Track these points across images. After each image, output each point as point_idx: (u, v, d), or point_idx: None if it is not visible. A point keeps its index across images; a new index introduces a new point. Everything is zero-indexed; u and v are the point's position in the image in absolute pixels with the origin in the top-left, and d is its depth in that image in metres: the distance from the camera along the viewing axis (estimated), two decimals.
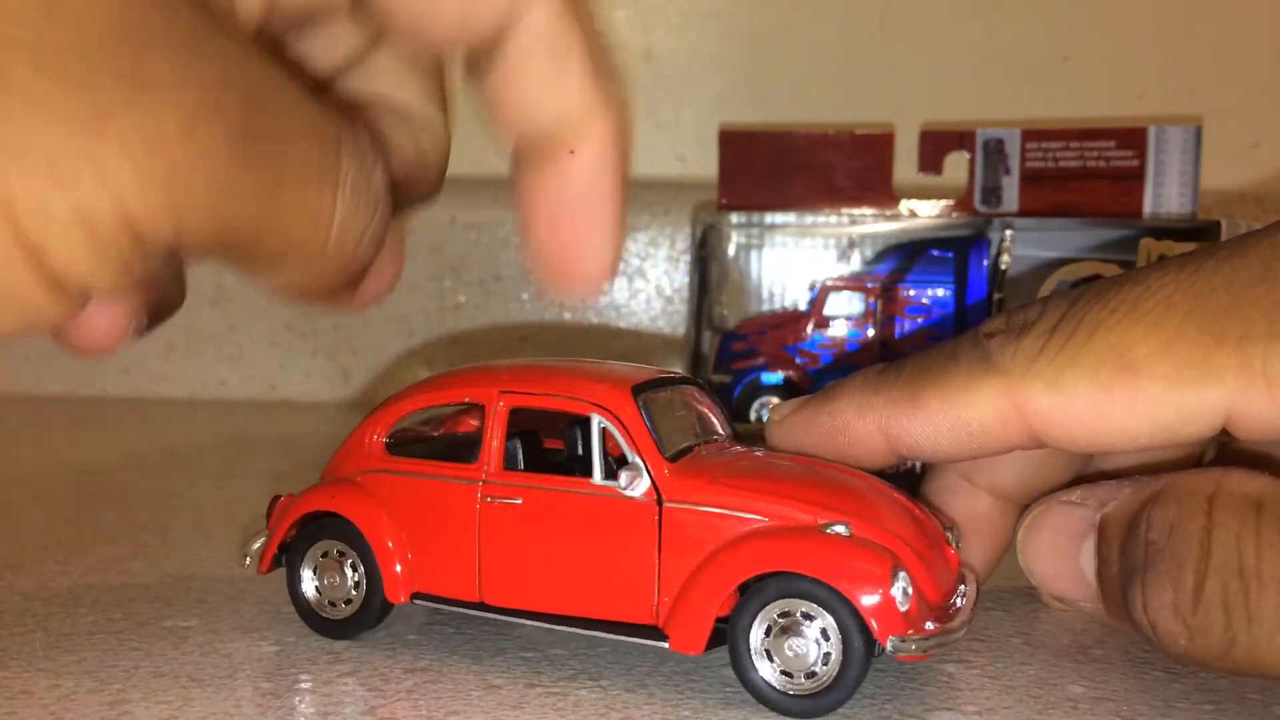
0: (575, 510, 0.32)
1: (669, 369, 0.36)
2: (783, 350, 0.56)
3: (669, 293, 0.76)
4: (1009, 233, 0.54)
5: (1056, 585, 0.35)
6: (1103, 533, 0.33)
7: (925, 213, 0.57)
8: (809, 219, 0.56)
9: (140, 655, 0.34)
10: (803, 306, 0.57)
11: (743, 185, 0.58)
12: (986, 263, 0.54)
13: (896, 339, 0.55)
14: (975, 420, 0.31)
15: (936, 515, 0.34)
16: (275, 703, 0.31)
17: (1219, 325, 0.28)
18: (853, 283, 0.55)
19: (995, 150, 0.56)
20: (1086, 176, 0.55)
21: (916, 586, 0.30)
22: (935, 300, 0.54)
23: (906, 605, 0.29)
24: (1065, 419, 0.30)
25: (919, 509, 0.33)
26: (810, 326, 0.56)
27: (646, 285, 0.76)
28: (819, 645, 0.30)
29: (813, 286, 0.56)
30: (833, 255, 0.56)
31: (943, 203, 0.57)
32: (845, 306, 0.55)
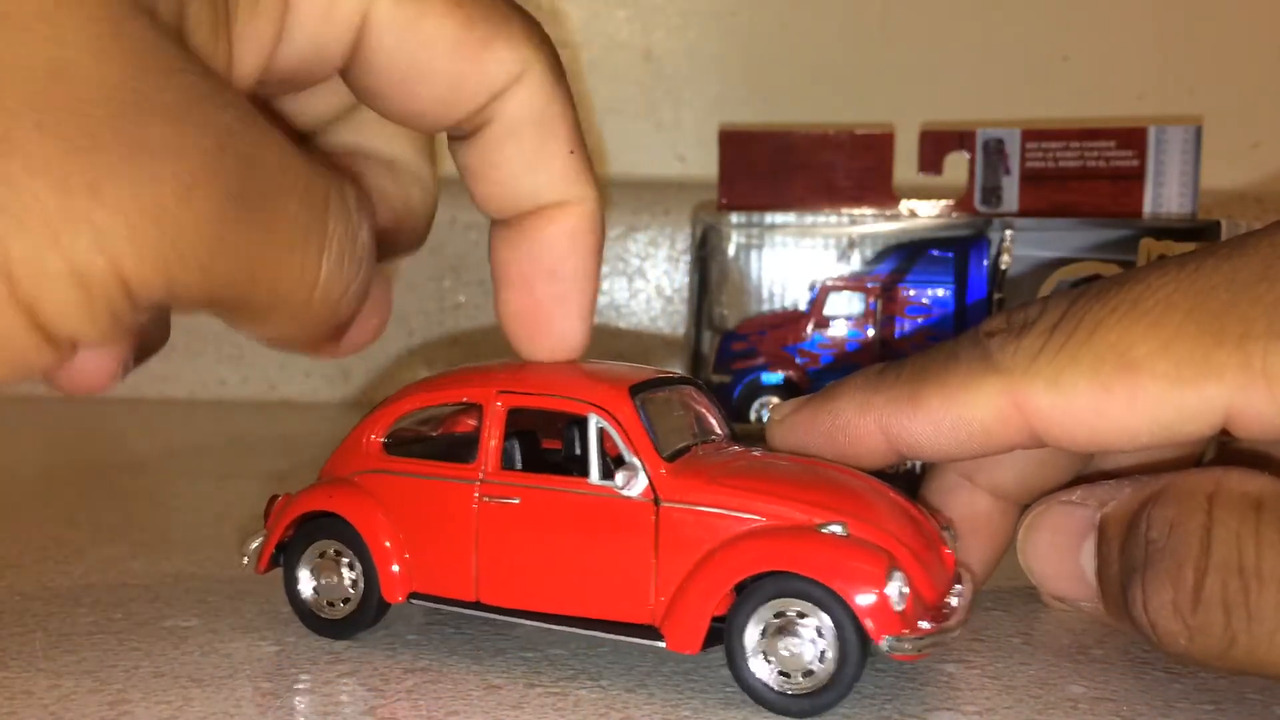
0: (572, 510, 0.32)
1: (667, 369, 0.36)
2: (783, 350, 0.56)
3: (669, 293, 0.76)
4: (1009, 233, 0.54)
5: (1056, 585, 0.35)
6: (1103, 532, 0.33)
7: (925, 213, 0.57)
8: (809, 219, 0.56)
9: (140, 655, 0.34)
10: (803, 306, 0.57)
11: (743, 185, 0.58)
12: (986, 263, 0.54)
13: (896, 339, 0.55)
14: (976, 419, 0.31)
15: (933, 515, 0.34)
16: (275, 703, 0.31)
17: (1219, 324, 0.28)
18: (853, 283, 0.55)
19: (995, 150, 0.56)
20: (1086, 176, 0.55)
21: (912, 586, 0.30)
22: (935, 300, 0.54)
23: (902, 605, 0.29)
24: (1065, 417, 0.30)
25: (915, 509, 0.33)
26: (810, 326, 0.56)
27: (646, 285, 0.76)
28: (815, 645, 0.30)
29: (813, 286, 0.56)
30: (833, 255, 0.56)
31: (943, 203, 0.57)
32: (845, 306, 0.55)
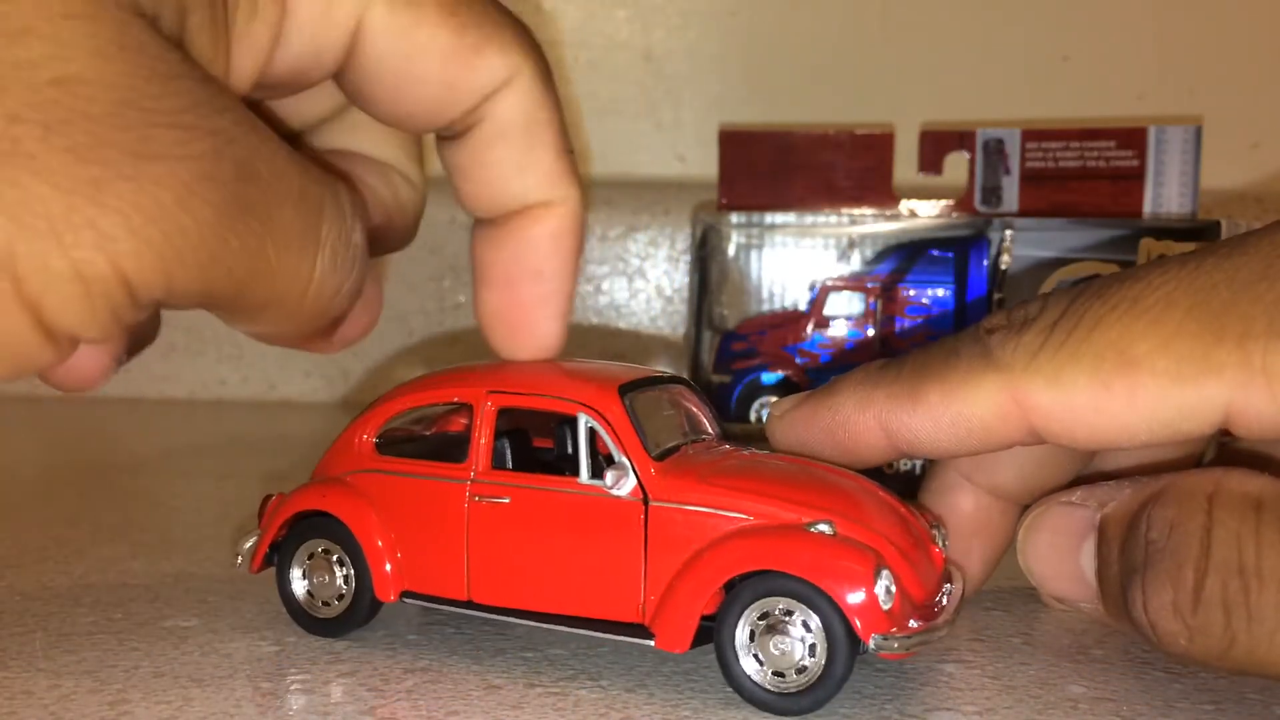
0: (562, 509, 0.32)
1: (658, 369, 0.36)
2: (783, 350, 0.56)
3: (669, 293, 0.76)
4: (1009, 233, 0.54)
5: (1056, 585, 0.35)
6: (1103, 533, 0.33)
7: (925, 213, 0.57)
8: (809, 219, 0.56)
9: (140, 655, 0.34)
10: (803, 306, 0.56)
11: (743, 185, 0.58)
12: (986, 263, 0.54)
13: (896, 339, 0.55)
14: (975, 415, 0.31)
15: (923, 514, 0.34)
16: (275, 703, 0.31)
17: (1219, 322, 0.28)
18: (853, 283, 0.55)
19: (995, 150, 0.56)
20: (1086, 176, 0.55)
21: (900, 584, 0.30)
22: (935, 300, 0.54)
23: (889, 603, 0.29)
24: (1065, 414, 0.30)
25: (905, 508, 0.33)
26: (810, 326, 0.56)
27: (646, 285, 0.76)
28: (803, 643, 0.30)
29: (813, 286, 0.56)
30: (833, 255, 0.56)
31: (943, 203, 0.57)
32: (845, 306, 0.55)
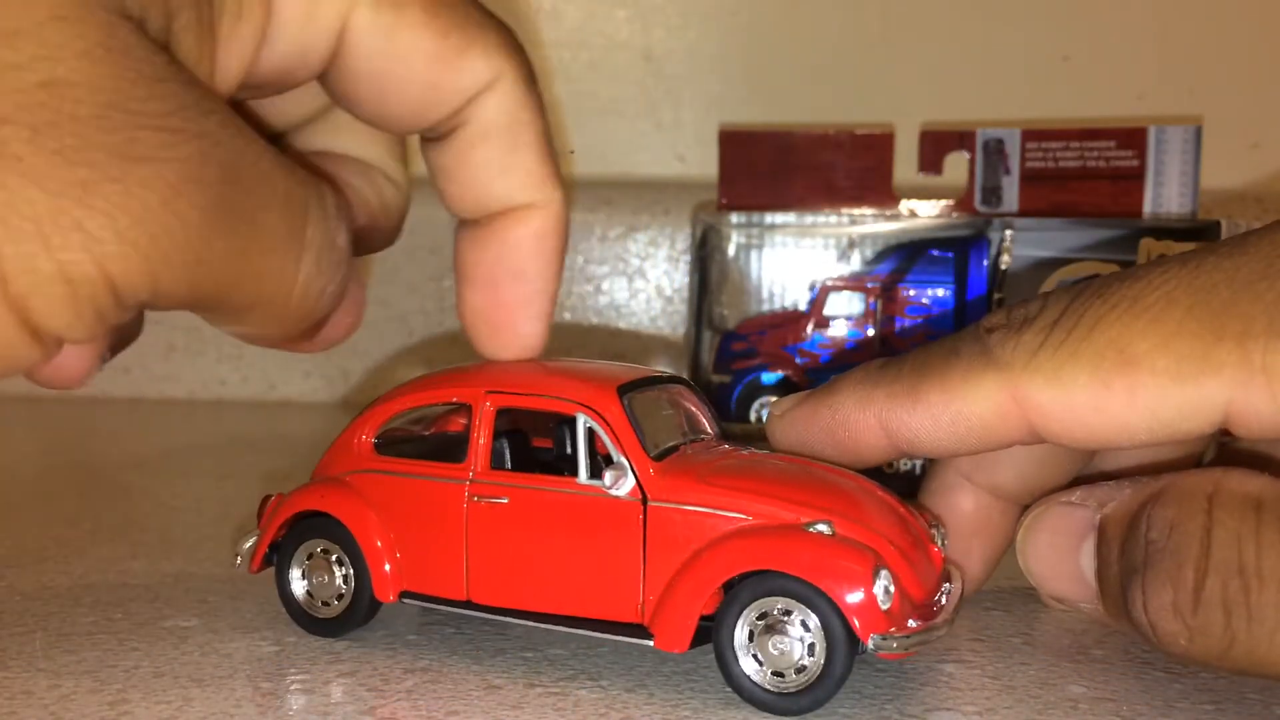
0: (561, 509, 0.32)
1: (657, 369, 0.36)
2: (783, 350, 0.56)
3: (669, 293, 0.76)
4: (1009, 233, 0.54)
5: (1056, 586, 0.35)
6: (1102, 533, 0.33)
7: (925, 213, 0.56)
8: (809, 219, 0.56)
9: (140, 655, 0.34)
10: (803, 306, 0.56)
11: (743, 185, 0.58)
12: (986, 263, 0.54)
13: (896, 339, 0.55)
14: (975, 414, 0.31)
15: (922, 513, 0.34)
16: (275, 703, 0.31)
17: (1219, 321, 0.28)
18: (853, 283, 0.55)
19: (995, 150, 0.56)
20: (1086, 176, 0.55)
21: (899, 584, 0.30)
22: (935, 300, 0.54)
23: (888, 603, 0.29)
24: (1065, 413, 0.30)
25: (903, 507, 0.33)
26: (810, 326, 0.56)
27: (646, 285, 0.76)
28: (802, 642, 0.30)
29: (813, 286, 0.56)
30: (833, 255, 0.56)
31: (943, 203, 0.57)
32: (845, 306, 0.55)
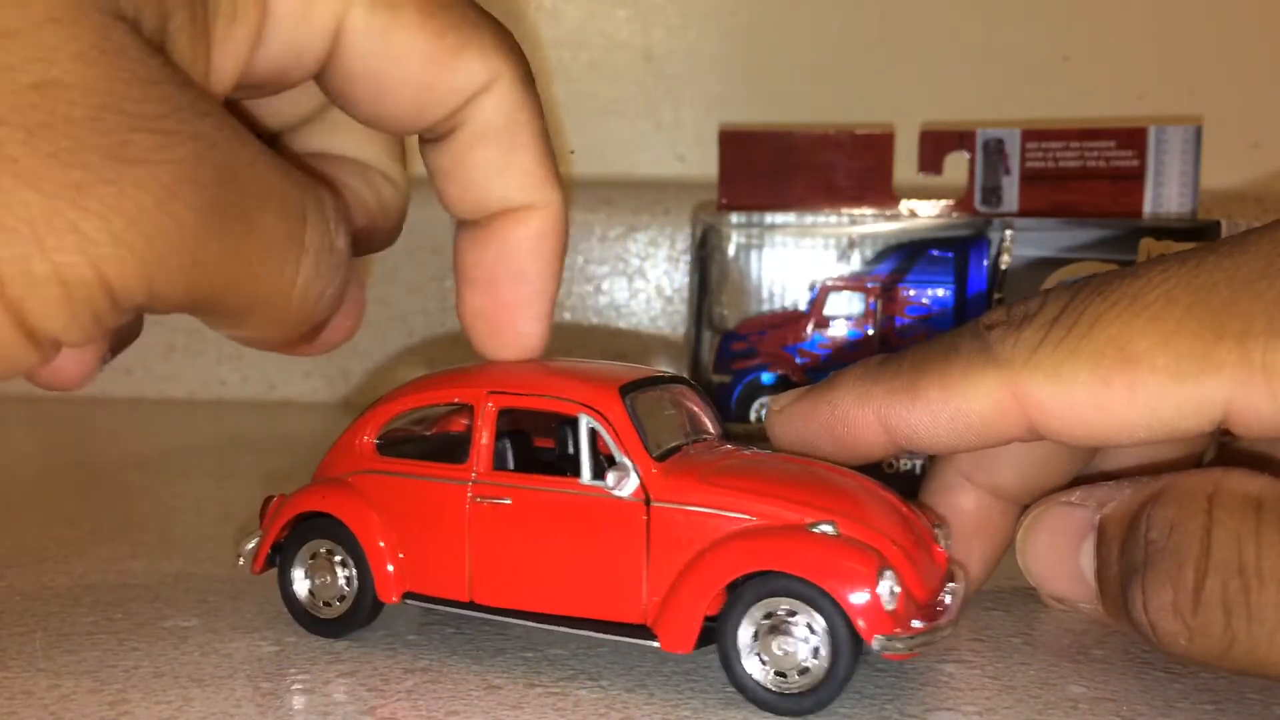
0: (564, 510, 0.32)
1: (658, 369, 0.36)
2: (783, 350, 0.56)
3: (669, 293, 0.76)
4: (1009, 233, 0.54)
5: (1056, 586, 0.35)
6: (1102, 533, 0.33)
7: (925, 213, 0.56)
8: (809, 219, 0.56)
9: (140, 655, 0.34)
10: (803, 306, 0.56)
11: (743, 185, 0.58)
12: (986, 263, 0.54)
13: (896, 339, 0.55)
14: (974, 411, 0.31)
15: (925, 513, 0.34)
16: (275, 703, 0.31)
17: (1219, 320, 0.28)
18: (853, 283, 0.55)
19: (995, 150, 0.56)
20: (1086, 176, 0.55)
21: (903, 585, 0.30)
22: (935, 300, 0.54)
23: (893, 604, 0.29)
24: (1064, 410, 0.30)
25: (907, 507, 0.33)
26: (810, 326, 0.56)
27: (646, 285, 0.76)
28: (807, 643, 0.30)
29: (813, 286, 0.56)
30: (833, 255, 0.56)
31: (943, 203, 0.57)
32: (845, 306, 0.55)
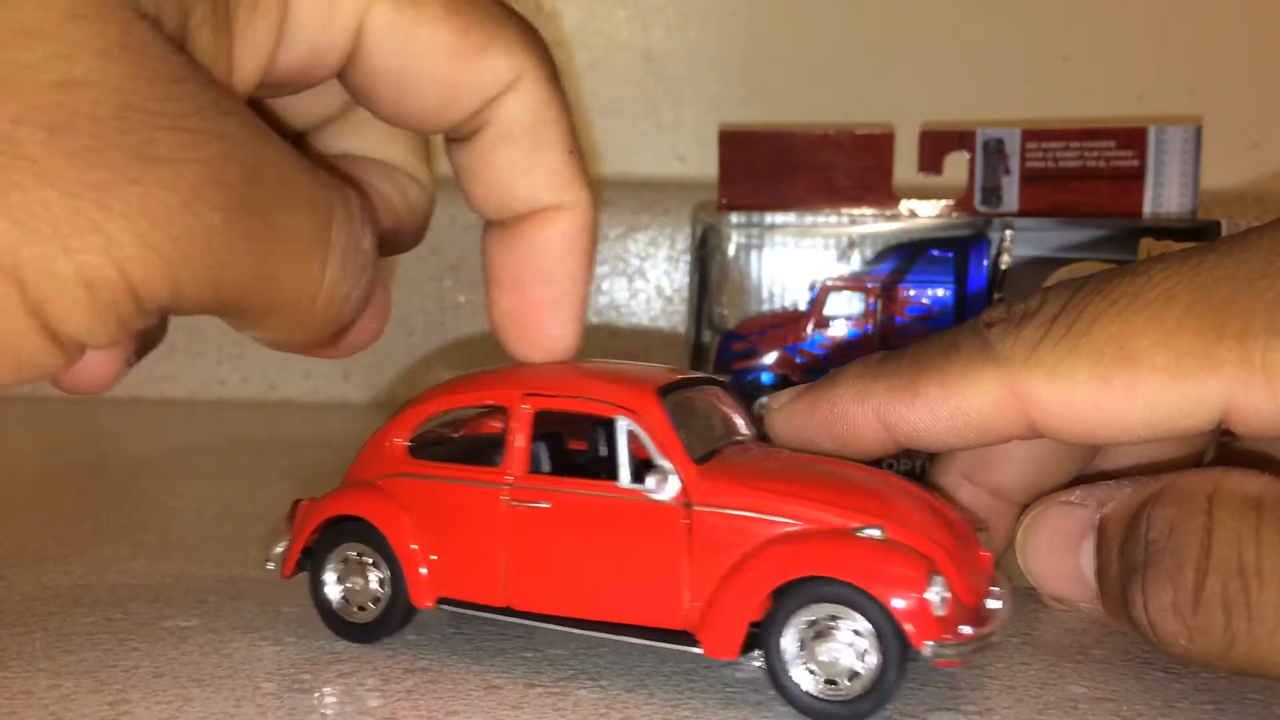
0: (602, 514, 0.31)
1: (691, 370, 0.36)
2: (783, 350, 0.56)
3: (669, 293, 0.76)
4: (1009, 233, 0.54)
5: (1056, 585, 0.35)
6: (1102, 533, 0.33)
7: (925, 213, 0.56)
8: (809, 219, 0.56)
9: (140, 655, 0.34)
10: (803, 306, 0.56)
11: (743, 185, 0.58)
12: (986, 263, 0.54)
13: (896, 339, 0.55)
14: (974, 408, 0.31)
15: (966, 515, 0.33)
16: (275, 703, 0.31)
17: (1220, 319, 0.28)
18: (853, 283, 0.55)
19: (995, 150, 0.56)
20: (1086, 176, 0.55)
21: (951, 590, 0.29)
22: (935, 300, 0.54)
23: (943, 610, 0.29)
24: (1064, 408, 0.30)
25: (949, 510, 0.32)
26: (810, 326, 0.56)
27: (646, 285, 0.76)
28: (853, 649, 0.29)
29: (813, 286, 0.56)
30: (833, 255, 0.56)
31: (943, 203, 0.57)
32: (845, 306, 0.55)
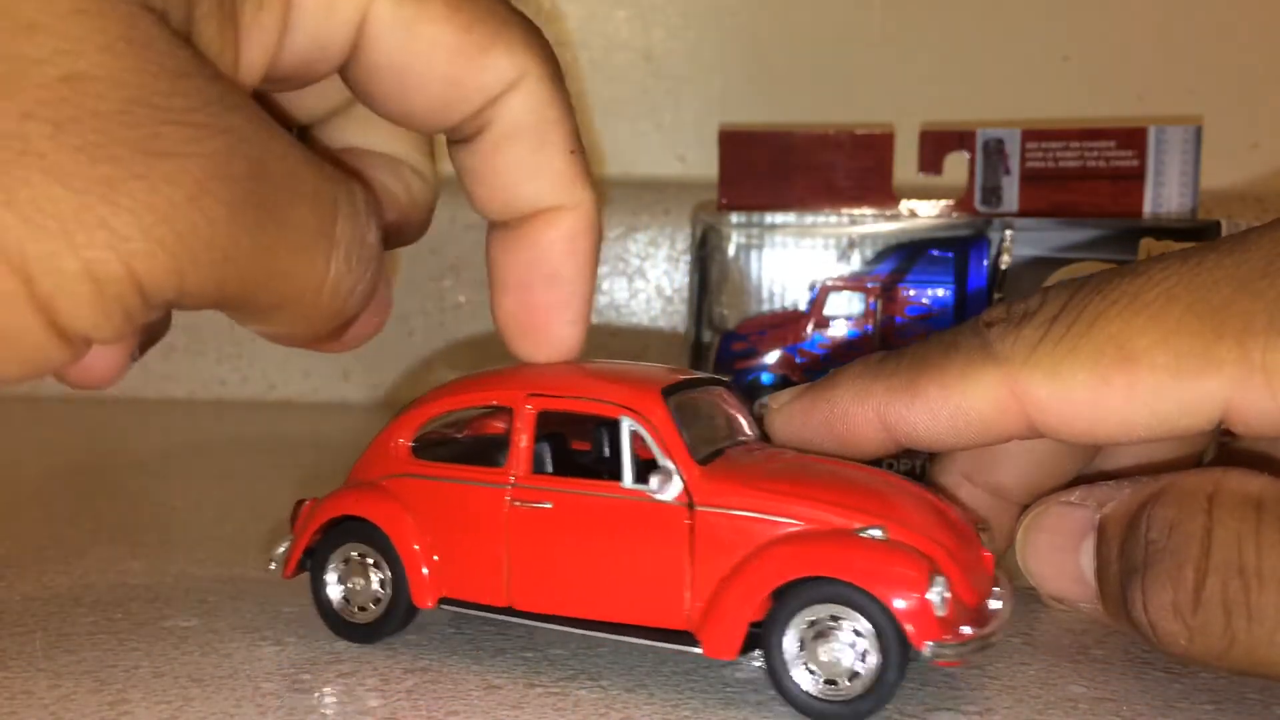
0: (605, 514, 0.32)
1: (694, 371, 0.36)
2: (783, 350, 0.56)
3: (669, 293, 0.76)
4: (1009, 233, 0.54)
5: (1056, 585, 0.35)
6: (1102, 533, 0.33)
7: (925, 213, 0.56)
8: (809, 219, 0.56)
9: (140, 655, 0.34)
10: (803, 306, 0.56)
11: (743, 185, 0.58)
12: (986, 263, 0.54)
13: (896, 339, 0.55)
14: (974, 408, 0.31)
15: (967, 515, 0.33)
16: (275, 703, 0.31)
17: (1219, 319, 0.28)
18: (853, 283, 0.55)
19: (995, 150, 0.56)
20: (1086, 176, 0.55)
21: (953, 590, 0.29)
22: (935, 300, 0.54)
23: (944, 610, 0.29)
24: (1063, 408, 0.30)
25: (951, 510, 0.32)
26: (810, 326, 0.56)
27: (646, 285, 0.76)
28: (854, 649, 0.29)
29: (813, 286, 0.56)
30: (833, 255, 0.56)
31: (943, 203, 0.57)
32: (845, 306, 0.55)
